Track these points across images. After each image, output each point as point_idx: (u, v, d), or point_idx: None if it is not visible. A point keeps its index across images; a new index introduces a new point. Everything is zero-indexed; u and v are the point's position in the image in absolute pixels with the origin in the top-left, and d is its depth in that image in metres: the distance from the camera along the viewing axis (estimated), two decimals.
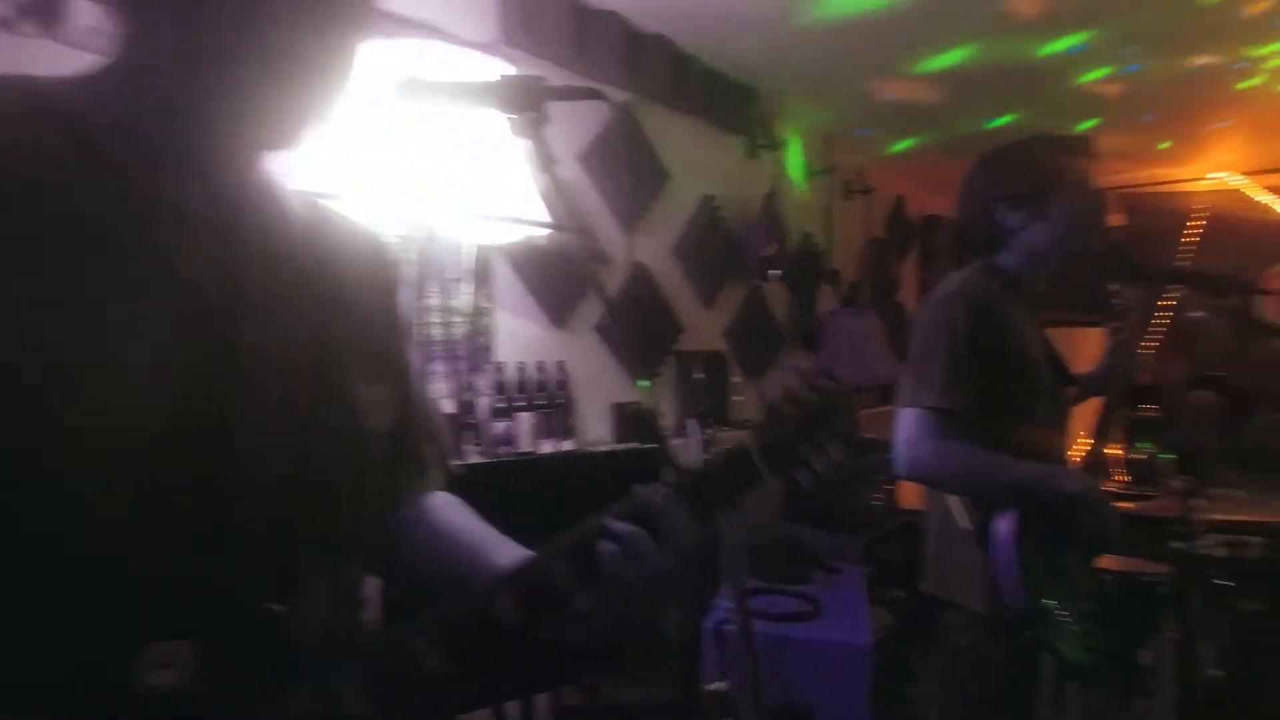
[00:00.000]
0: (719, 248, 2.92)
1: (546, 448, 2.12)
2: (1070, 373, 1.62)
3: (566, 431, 2.19)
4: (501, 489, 1.80)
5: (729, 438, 2.89)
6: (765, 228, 3.03)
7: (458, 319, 1.97)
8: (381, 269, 0.73)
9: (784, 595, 2.18)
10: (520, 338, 2.17)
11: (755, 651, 1.82)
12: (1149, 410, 3.81)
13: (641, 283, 2.56)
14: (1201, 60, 2.88)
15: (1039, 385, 1.44)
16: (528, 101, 0.81)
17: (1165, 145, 4.00)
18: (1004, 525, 1.31)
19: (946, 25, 2.70)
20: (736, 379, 3.03)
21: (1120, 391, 1.66)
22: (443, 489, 0.80)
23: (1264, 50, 2.78)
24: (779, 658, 1.97)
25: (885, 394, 4.00)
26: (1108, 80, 3.11)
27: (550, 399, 2.16)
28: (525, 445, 2.10)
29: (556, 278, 2.21)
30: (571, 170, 2.33)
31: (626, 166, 2.47)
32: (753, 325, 3.15)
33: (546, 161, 0.83)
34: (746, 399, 3.07)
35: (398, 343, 0.74)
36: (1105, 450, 4.35)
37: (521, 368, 2.13)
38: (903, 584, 2.83)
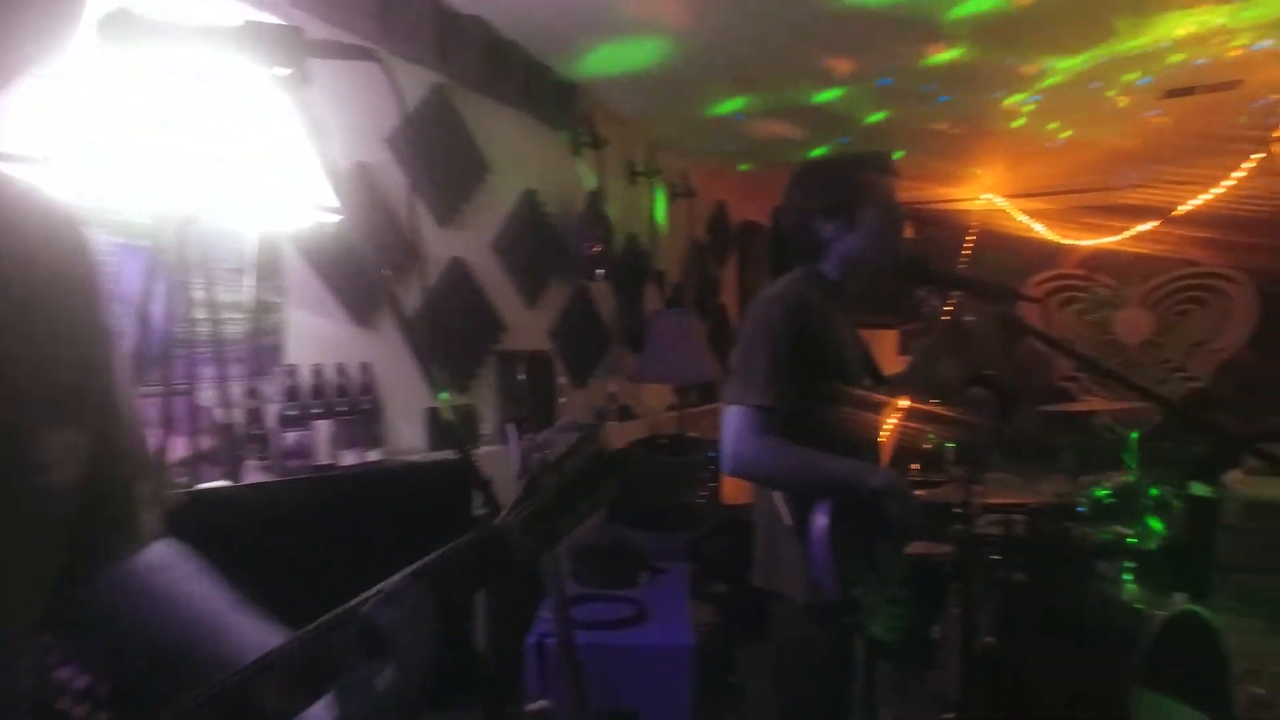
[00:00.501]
0: (543, 245, 2.83)
1: (348, 458, 1.92)
2: (881, 373, 1.73)
3: (372, 440, 1.99)
4: (290, 508, 1.59)
5: (556, 437, 2.80)
6: (590, 226, 2.98)
7: (236, 316, 1.72)
8: (74, 263, 0.56)
9: (610, 601, 2.14)
10: (317, 337, 1.94)
11: (577, 663, 1.76)
12: (936, 403, 4.24)
13: (459, 279, 2.41)
14: (989, 98, 3.25)
15: (854, 384, 1.54)
16: (280, 55, 0.67)
17: (949, 169, 4.49)
18: (819, 519, 1.38)
19: (744, 73, 2.90)
20: (562, 380, 2.95)
21: (928, 391, 1.79)
22: (158, 538, 0.63)
23: (1019, 98, 3.19)
24: (604, 666, 1.92)
25: (707, 394, 4.13)
26: (906, 117, 3.45)
27: (353, 405, 1.96)
28: (323, 456, 1.88)
29: (359, 271, 2.01)
30: (379, 154, 2.13)
31: (441, 154, 2.31)
32: (579, 325, 3.09)
33: (313, 131, 0.70)
34: (571, 401, 3.00)
35: (96, 362, 0.57)
36: (907, 441, 4.79)
37: (318, 370, 1.90)
38: (728, 579, 2.91)
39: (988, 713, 2.36)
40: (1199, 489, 3.42)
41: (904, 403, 1.83)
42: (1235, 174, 3.64)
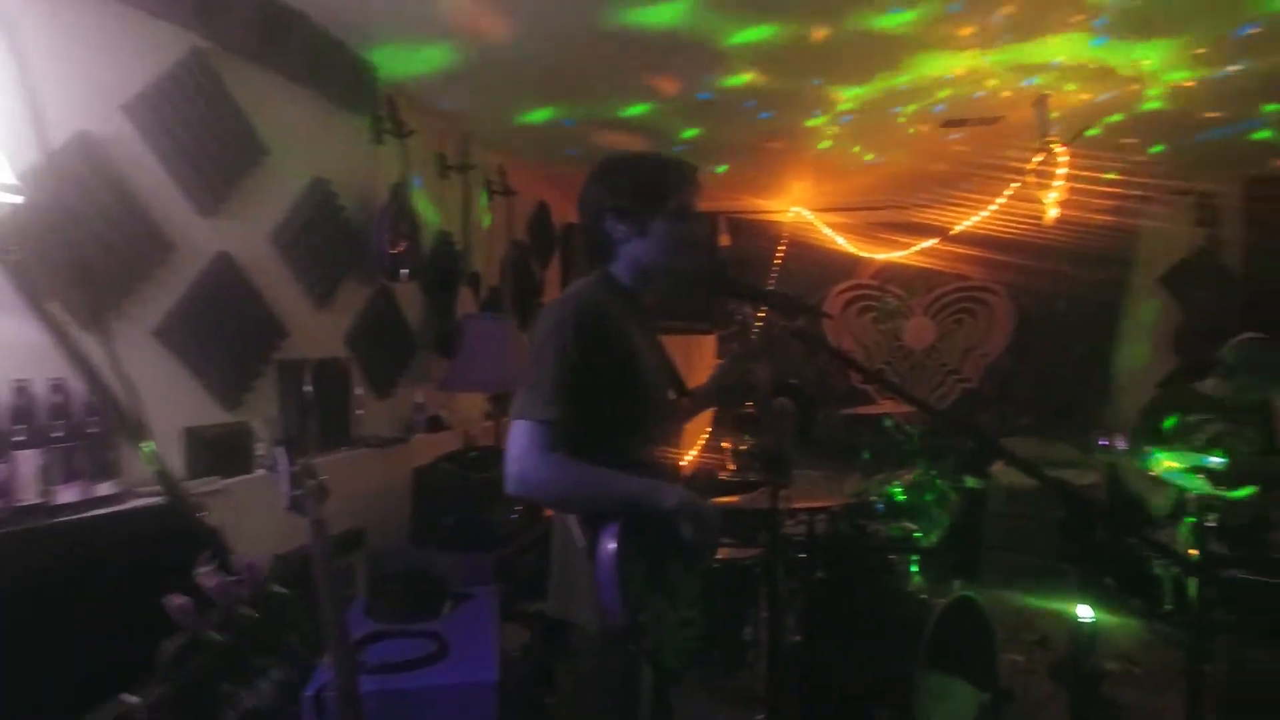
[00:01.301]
0: (336, 240, 2.54)
1: (66, 495, 1.57)
2: (684, 384, 1.69)
3: (102, 471, 1.64)
4: None
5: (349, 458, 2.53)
6: (393, 222, 2.73)
7: None
8: None
9: (407, 637, 1.93)
10: (24, 347, 1.57)
11: (361, 716, 1.55)
12: (749, 408, 4.39)
13: (226, 276, 2.08)
14: (802, 119, 3.38)
15: (651, 396, 1.49)
16: None
17: (765, 181, 4.68)
18: (607, 541, 1.30)
19: (552, 84, 2.82)
20: (360, 390, 2.68)
21: (737, 400, 1.78)
22: None
23: (822, 120, 3.37)
24: (397, 713, 1.72)
25: None
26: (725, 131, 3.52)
27: (74, 429, 1.61)
28: (30, 494, 1.52)
29: (82, 264, 1.65)
30: (113, 124, 1.77)
31: (202, 129, 1.97)
32: (380, 329, 2.82)
33: None
34: (372, 413, 2.73)
35: None
36: (723, 445, 4.92)
37: (22, 388, 1.54)
38: (543, 595, 2.79)
39: (796, 710, 2.43)
40: (971, 481, 3.80)
41: (709, 413, 1.82)
42: (998, 199, 4.10)
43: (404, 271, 2.75)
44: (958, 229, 4.62)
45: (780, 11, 2.32)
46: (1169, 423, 3.14)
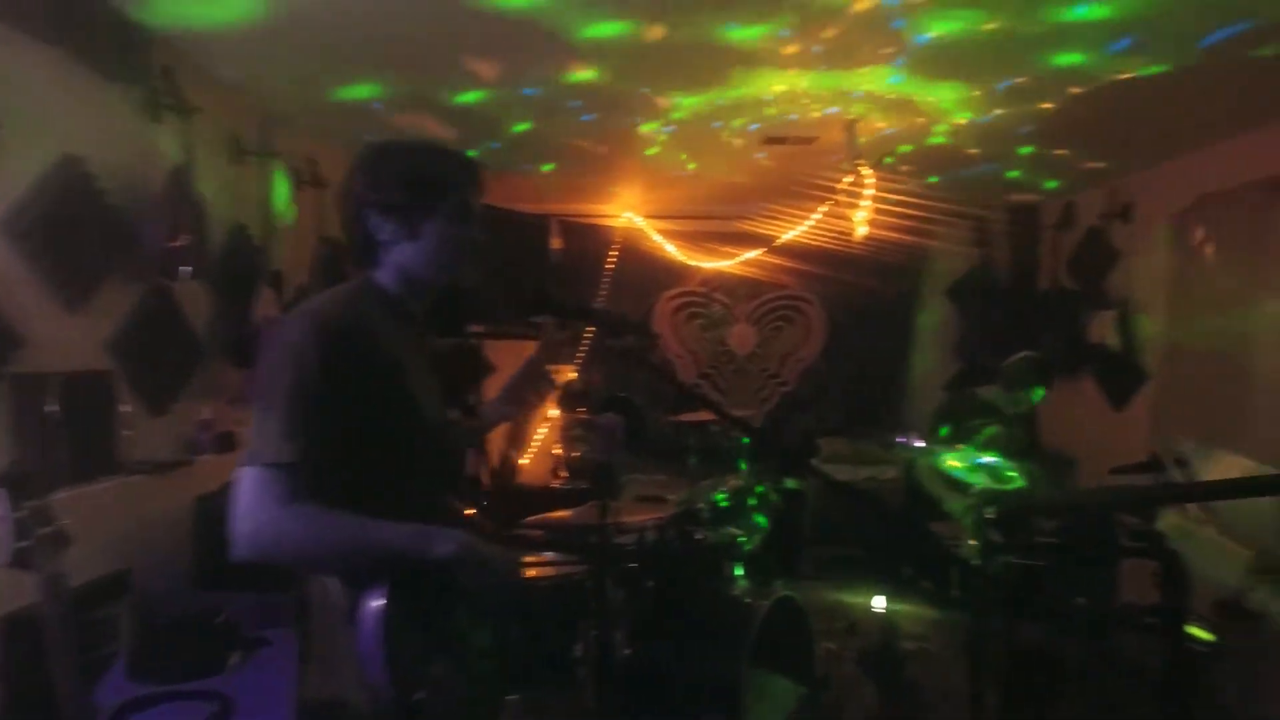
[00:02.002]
0: (93, 231, 2.15)
1: None
2: (469, 402, 1.54)
3: None
4: None
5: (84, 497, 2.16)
6: (172, 212, 2.37)
7: None
8: None
9: (180, 700, 1.65)
10: None
11: None
12: (582, 414, 4.35)
13: None
14: (629, 123, 3.35)
15: (421, 423, 1.27)
16: None
17: (596, 185, 4.65)
18: (370, 602, 1.08)
19: (376, 57, 2.61)
20: (127, 408, 2.29)
21: (532, 410, 1.67)
22: None
23: (653, 126, 3.38)
24: None
25: None
26: (544, 131, 3.43)
27: None
28: None
29: None
30: None
31: None
32: (155, 336, 2.43)
33: None
34: (144, 433, 2.35)
35: None
36: (554, 452, 4.82)
37: None
38: None
39: None
40: (791, 483, 4.01)
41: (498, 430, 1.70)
42: (813, 215, 4.38)
43: (185, 269, 2.39)
44: (779, 241, 4.88)
45: (643, 9, 2.25)
46: (952, 426, 3.49)
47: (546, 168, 4.17)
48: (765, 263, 5.14)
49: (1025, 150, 3.71)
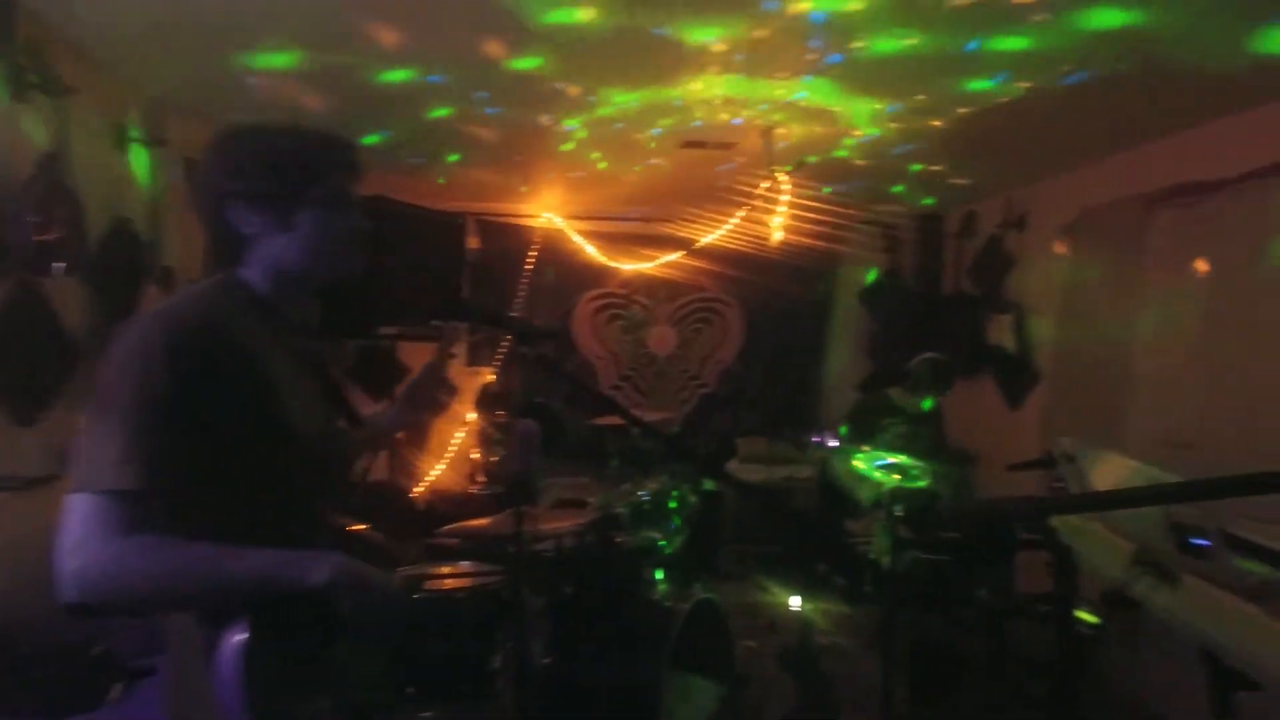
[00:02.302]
0: None
1: None
2: (355, 411, 1.40)
3: None
4: None
5: None
6: (43, 202, 2.16)
7: None
8: None
9: None
10: None
11: None
12: (501, 417, 4.26)
13: None
14: (542, 119, 3.28)
15: (294, 437, 1.13)
16: None
17: (514, 184, 4.56)
18: (231, 639, 0.95)
19: (284, 22, 2.44)
20: None
21: (430, 418, 1.57)
22: None
23: (574, 121, 3.34)
24: None
25: None
26: (460, 119, 3.31)
27: None
28: None
29: None
30: None
31: None
32: (22, 337, 2.21)
33: None
34: (8, 445, 2.13)
35: None
36: (471, 457, 4.70)
37: None
38: None
39: None
40: (709, 484, 4.05)
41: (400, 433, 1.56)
42: (731, 220, 4.44)
43: (58, 265, 2.19)
44: (698, 244, 4.92)
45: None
46: (862, 426, 3.62)
47: (452, 158, 4.03)
48: (685, 265, 5.18)
49: (915, 168, 3.90)
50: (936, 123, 3.13)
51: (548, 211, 5.09)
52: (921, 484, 3.06)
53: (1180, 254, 3.23)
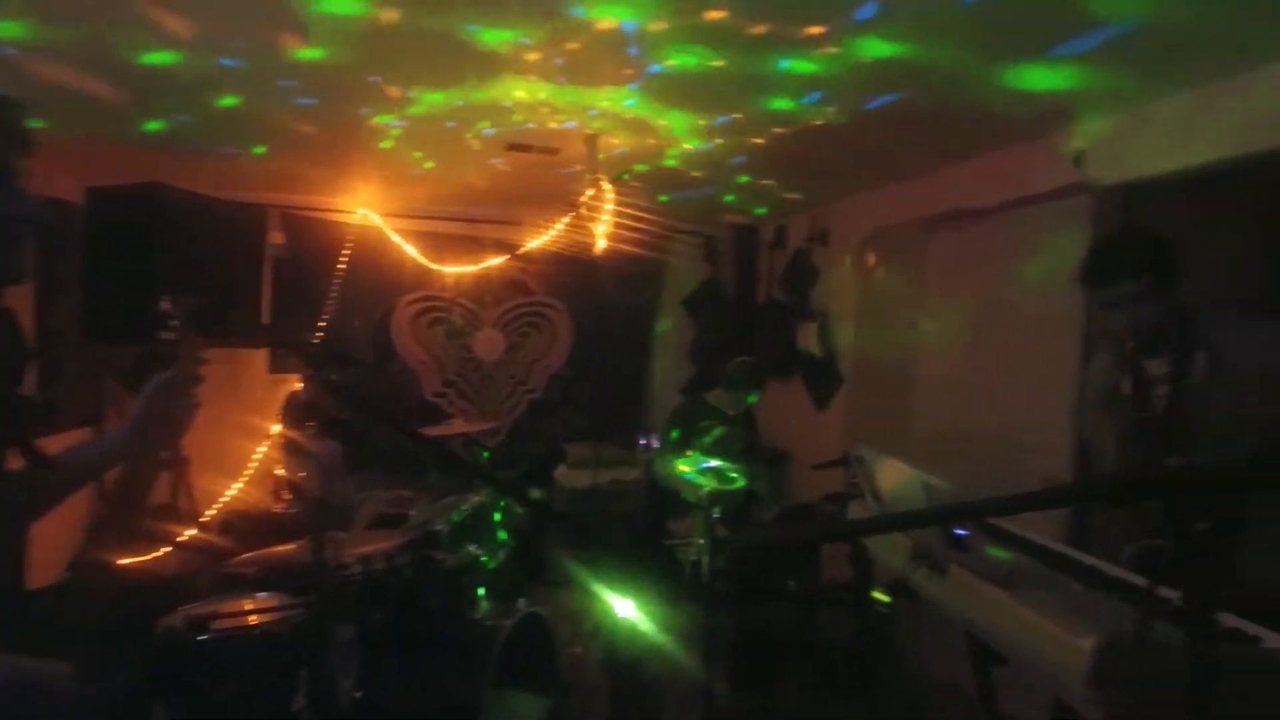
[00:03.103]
0: None
1: None
2: (37, 454, 1.16)
3: None
4: None
5: None
6: None
7: None
8: None
9: None
10: None
11: None
12: (311, 428, 3.93)
13: None
14: (362, 111, 3.07)
15: None
16: None
17: (326, 177, 4.22)
18: None
19: None
20: None
21: (163, 447, 1.34)
22: None
23: (387, 119, 3.16)
24: None
25: None
26: (261, 109, 3.03)
27: None
28: None
29: None
30: None
31: None
32: None
33: None
34: None
35: None
36: (276, 473, 4.28)
37: None
38: None
39: None
40: (535, 493, 4.00)
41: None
42: (558, 225, 4.42)
43: None
44: (525, 248, 4.85)
45: None
46: (682, 429, 3.74)
47: (258, 150, 3.70)
48: (513, 268, 5.09)
49: (743, 179, 4.10)
50: (758, 140, 3.30)
51: (364, 208, 4.78)
52: (739, 485, 3.22)
53: (954, 271, 3.66)
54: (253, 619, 2.27)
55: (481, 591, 2.70)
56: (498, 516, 3.04)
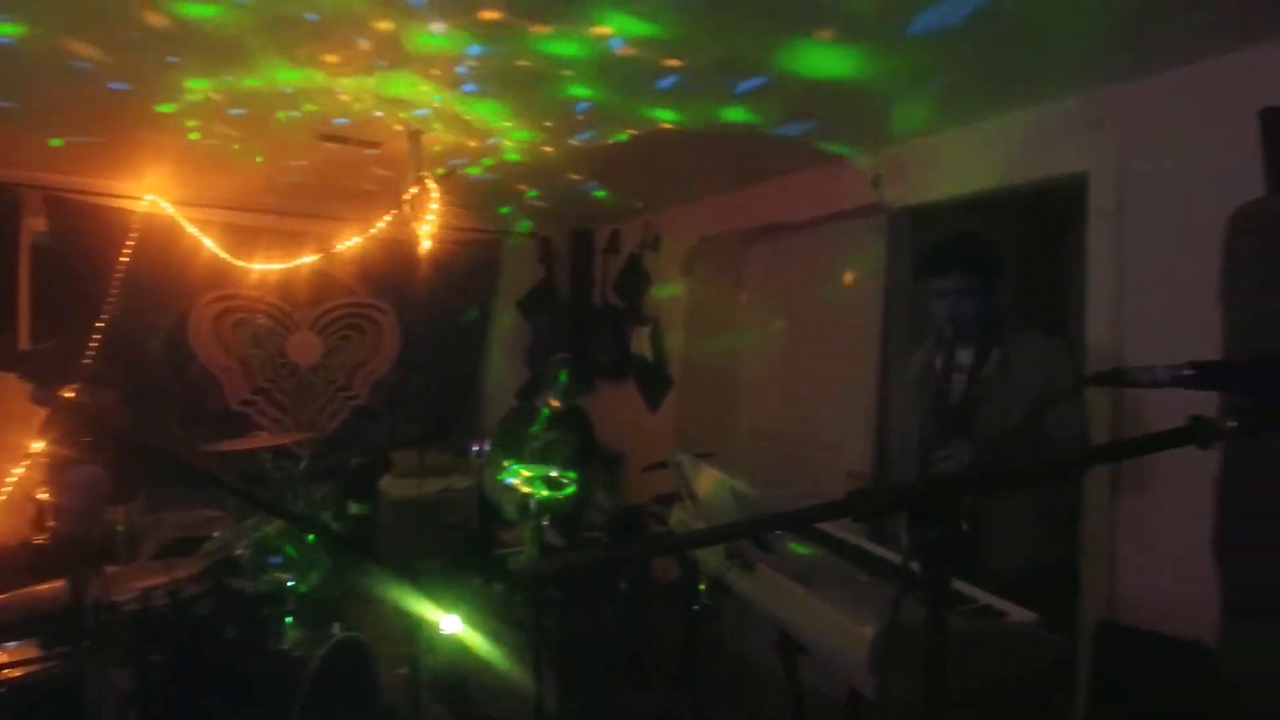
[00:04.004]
0: None
1: None
2: None
3: None
4: None
5: None
6: None
7: None
8: None
9: None
10: None
11: None
12: (86, 442, 3.42)
13: None
14: (139, 88, 2.71)
15: None
16: None
17: (103, 157, 3.69)
18: None
19: None
20: None
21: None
22: None
23: (170, 108, 2.83)
24: None
25: None
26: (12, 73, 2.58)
27: None
28: None
29: None
30: None
31: None
32: None
33: None
34: None
35: None
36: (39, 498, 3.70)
37: None
38: None
39: None
40: (355, 507, 3.75)
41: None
42: (380, 222, 4.18)
43: None
44: (342, 246, 4.54)
45: None
46: (511, 435, 3.65)
47: (56, 143, 3.17)
48: (328, 267, 4.75)
49: (575, 176, 4.11)
50: (578, 143, 3.31)
51: (152, 194, 4.25)
52: (569, 491, 3.20)
53: (769, 280, 3.89)
54: (5, 673, 1.94)
55: (289, 620, 2.49)
56: (311, 537, 2.81)
